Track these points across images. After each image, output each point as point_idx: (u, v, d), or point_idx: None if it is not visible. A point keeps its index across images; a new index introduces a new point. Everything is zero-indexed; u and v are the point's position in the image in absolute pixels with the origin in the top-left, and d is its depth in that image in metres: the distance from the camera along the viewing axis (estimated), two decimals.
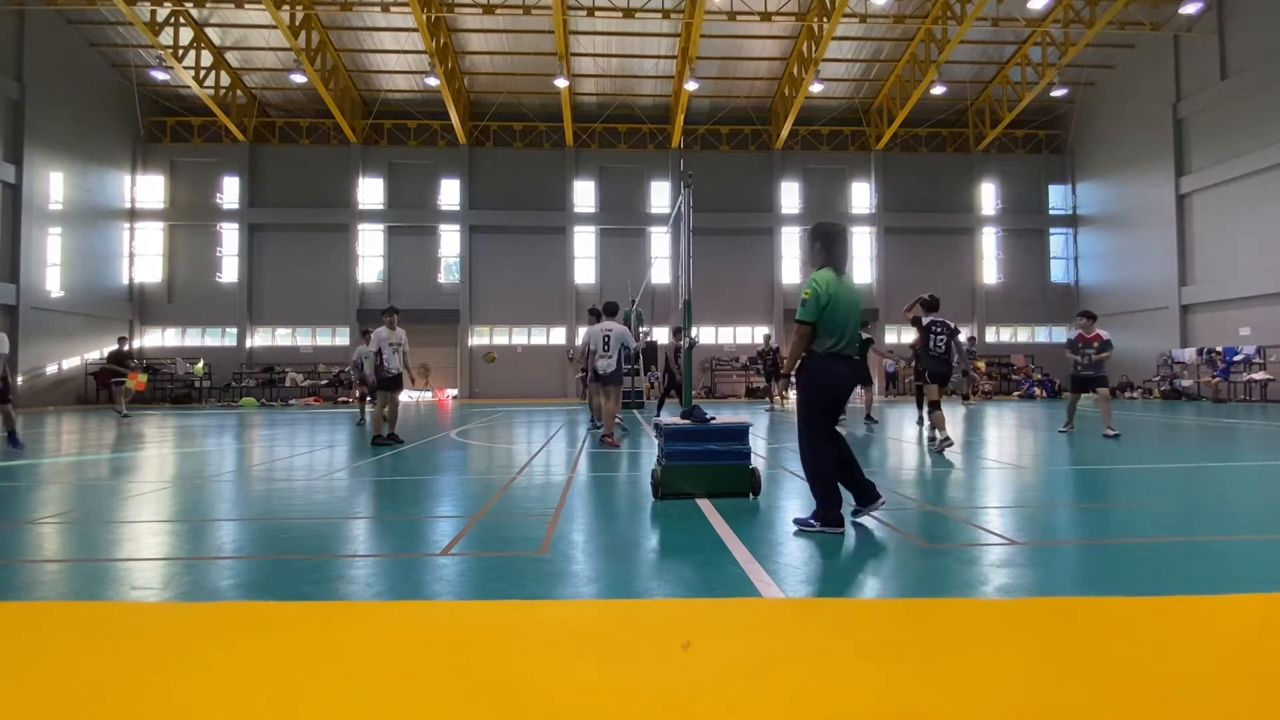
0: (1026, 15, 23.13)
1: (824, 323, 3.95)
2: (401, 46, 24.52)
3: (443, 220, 28.57)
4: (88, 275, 24.78)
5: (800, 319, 3.97)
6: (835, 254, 4.10)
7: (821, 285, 3.95)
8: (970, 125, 29.24)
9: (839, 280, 4.02)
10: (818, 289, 3.94)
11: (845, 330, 3.98)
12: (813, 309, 3.92)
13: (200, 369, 26.24)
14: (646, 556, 3.62)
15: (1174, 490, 5.62)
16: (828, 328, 3.95)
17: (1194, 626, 2.55)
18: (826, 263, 4.09)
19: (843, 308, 3.96)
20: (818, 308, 3.92)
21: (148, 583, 3.22)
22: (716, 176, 28.06)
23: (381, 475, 6.65)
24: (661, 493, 4.97)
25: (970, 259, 29.46)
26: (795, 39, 24.70)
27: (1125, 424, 12.37)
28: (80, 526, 4.46)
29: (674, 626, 2.52)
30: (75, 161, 24.03)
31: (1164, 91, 24.44)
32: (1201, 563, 3.40)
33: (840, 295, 3.97)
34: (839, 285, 4.00)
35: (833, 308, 3.93)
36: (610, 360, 8.97)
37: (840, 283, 4.02)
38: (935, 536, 3.95)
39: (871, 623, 2.63)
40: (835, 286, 3.97)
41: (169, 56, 22.40)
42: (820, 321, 3.94)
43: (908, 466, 7.16)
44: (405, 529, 4.44)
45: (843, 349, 3.99)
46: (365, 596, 2.98)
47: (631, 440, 9.59)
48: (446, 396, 27.08)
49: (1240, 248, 21.74)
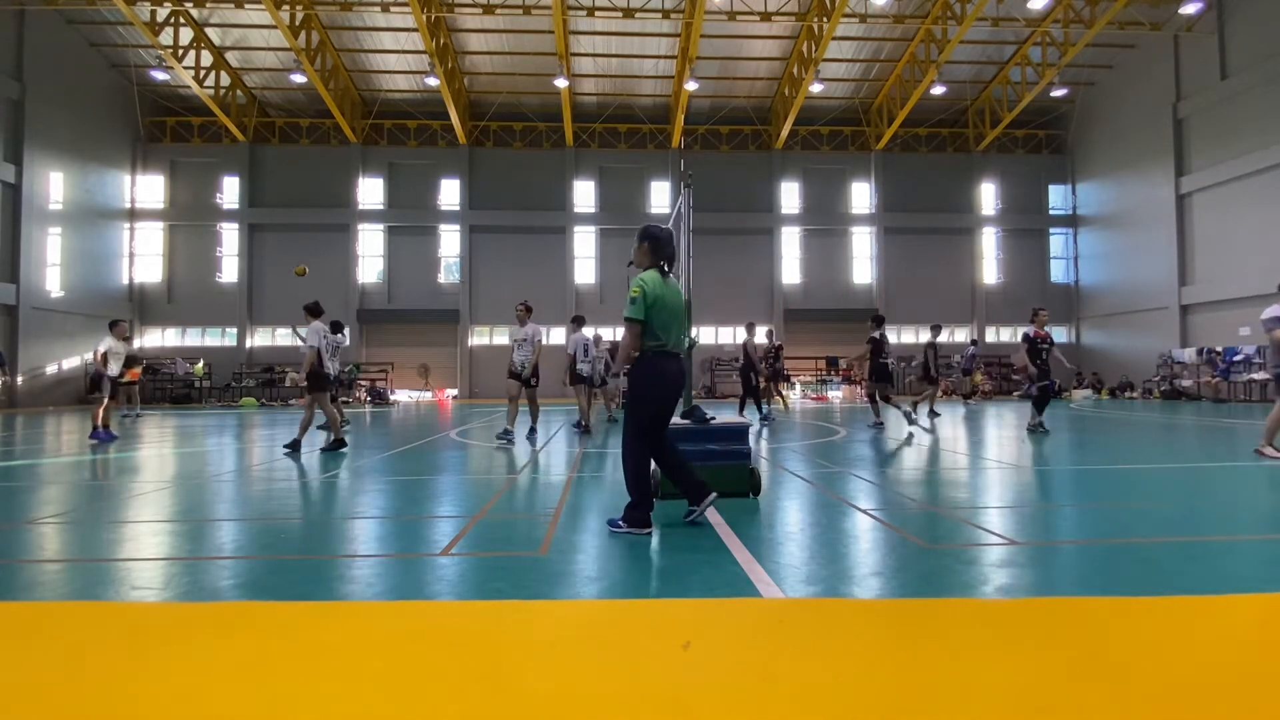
0: (1026, 15, 23.13)
1: (651, 321, 4.06)
2: (401, 46, 24.52)
3: (443, 220, 28.57)
4: (88, 275, 24.78)
5: (629, 317, 4.05)
6: (662, 255, 4.21)
7: (648, 284, 4.08)
8: (970, 125, 29.24)
9: (664, 281, 4.15)
10: (644, 288, 4.06)
11: (671, 329, 4.10)
12: (640, 307, 4.03)
13: (200, 369, 26.23)
14: (646, 556, 3.62)
15: (1173, 490, 5.62)
16: (655, 326, 4.07)
17: (1194, 626, 2.55)
18: (653, 264, 4.20)
19: (668, 307, 4.09)
20: (645, 306, 4.03)
21: (148, 583, 3.21)
22: (716, 176, 28.06)
23: (381, 475, 6.65)
24: (661, 493, 4.97)
25: (970, 259, 29.46)
26: (795, 39, 24.70)
27: (1126, 424, 12.37)
28: (80, 526, 4.46)
29: (674, 626, 2.52)
30: (75, 161, 24.03)
31: (1164, 91, 24.44)
32: (1201, 563, 3.40)
33: (665, 295, 4.10)
34: (664, 286, 4.12)
35: (658, 307, 4.05)
36: (587, 363, 11.19)
37: (665, 283, 4.15)
38: (935, 536, 3.95)
39: (871, 623, 2.63)
40: (661, 287, 4.10)
41: (169, 56, 22.40)
42: (647, 320, 4.05)
43: (908, 467, 7.16)
44: (405, 529, 4.44)
45: (670, 347, 4.10)
46: (365, 596, 2.98)
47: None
48: (446, 396, 27.09)
49: (1240, 248, 21.74)
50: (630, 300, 4.05)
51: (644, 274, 4.14)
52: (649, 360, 4.08)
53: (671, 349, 4.11)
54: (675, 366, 4.14)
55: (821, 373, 28.43)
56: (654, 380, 4.08)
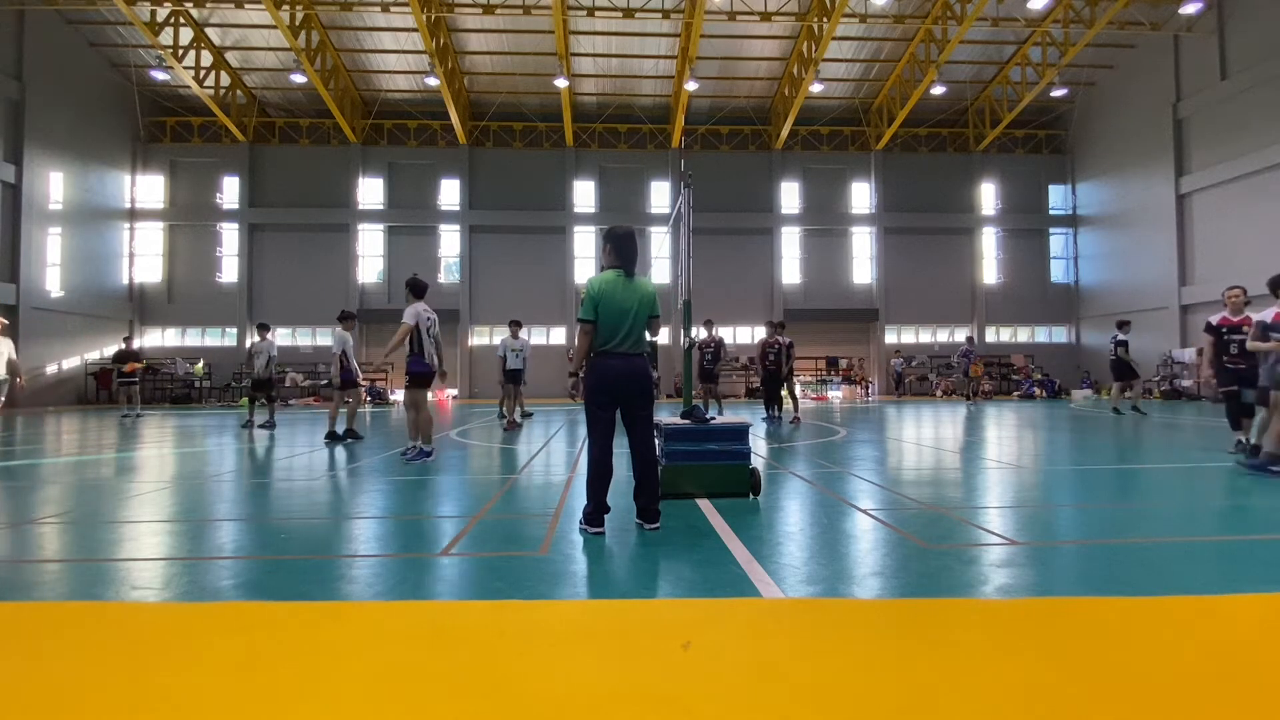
0: (1026, 15, 23.13)
1: (600, 321, 4.09)
2: (401, 46, 24.52)
3: (443, 220, 28.57)
4: (88, 275, 24.77)
5: (579, 318, 4.15)
6: (622, 256, 4.23)
7: (594, 286, 4.12)
8: (970, 125, 29.23)
9: (621, 281, 4.15)
10: (590, 289, 4.12)
11: (619, 329, 4.10)
12: (588, 308, 4.10)
13: (200, 369, 26.23)
14: (646, 556, 3.62)
15: (1174, 490, 5.62)
16: (600, 327, 4.10)
17: (1194, 626, 2.55)
18: (614, 264, 4.22)
19: (618, 307, 4.09)
20: (592, 307, 4.09)
21: (148, 583, 3.22)
22: (716, 176, 28.06)
23: (382, 475, 6.65)
24: (661, 492, 4.97)
25: (970, 259, 29.45)
26: (795, 39, 24.70)
27: (1125, 424, 12.37)
28: (80, 526, 4.46)
29: (674, 626, 2.52)
30: (75, 161, 24.03)
31: (1164, 91, 24.43)
32: (1201, 563, 3.40)
33: (616, 295, 4.10)
34: (616, 286, 4.13)
35: (605, 307, 4.07)
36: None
37: (621, 283, 4.15)
38: (935, 536, 3.95)
39: (871, 623, 2.63)
40: (610, 287, 4.11)
41: (169, 56, 22.39)
42: (598, 320, 4.09)
43: (908, 466, 7.16)
44: (405, 529, 4.44)
45: (615, 347, 4.10)
46: (365, 596, 2.98)
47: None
48: (446, 397, 27.08)
49: (1240, 248, 21.72)
50: (580, 302, 4.15)
51: (596, 275, 4.19)
52: (595, 359, 4.14)
53: (615, 349, 4.10)
54: (620, 367, 4.11)
55: (821, 373, 28.45)
56: (596, 381, 4.11)
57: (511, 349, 12.24)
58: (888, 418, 13.93)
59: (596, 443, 4.14)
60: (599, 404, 4.12)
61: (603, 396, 4.11)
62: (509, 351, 12.26)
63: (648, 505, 4.13)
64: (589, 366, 4.16)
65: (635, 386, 4.14)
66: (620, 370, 4.11)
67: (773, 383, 12.88)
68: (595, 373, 4.12)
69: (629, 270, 4.21)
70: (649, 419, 4.22)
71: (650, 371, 4.38)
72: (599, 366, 4.11)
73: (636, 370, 4.15)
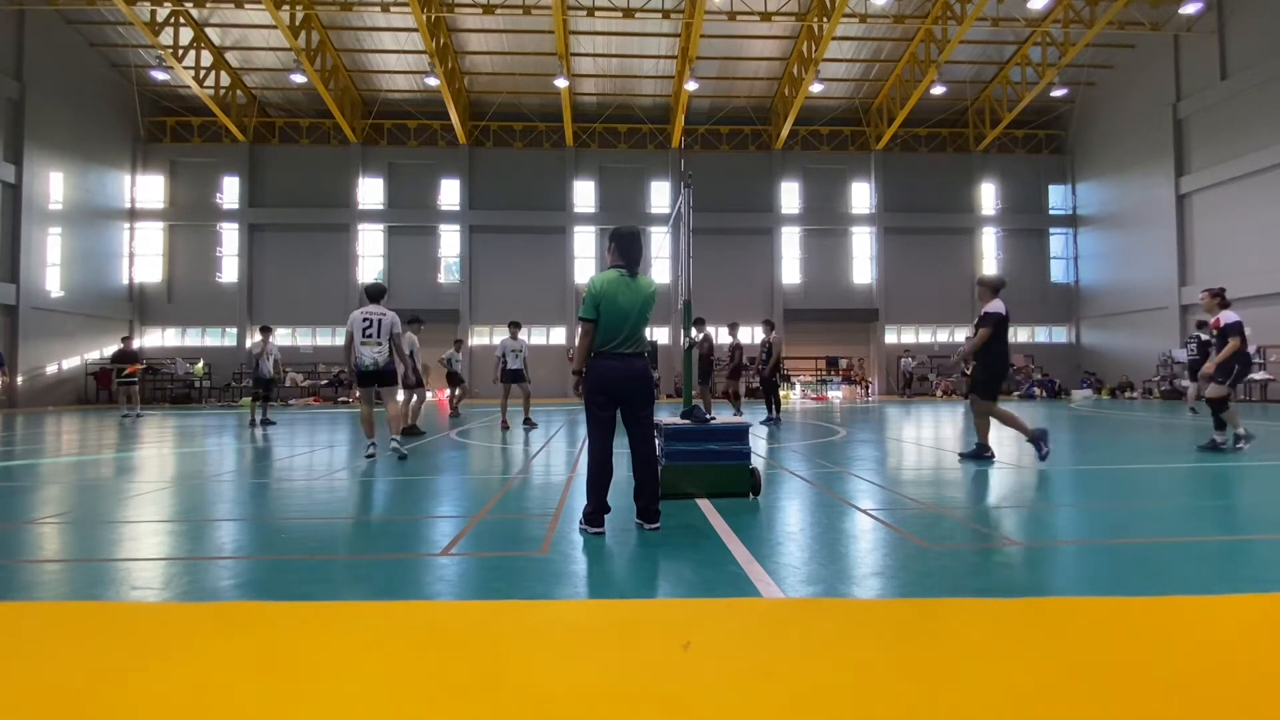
0: (1026, 15, 23.13)
1: (600, 321, 4.09)
2: (401, 46, 24.52)
3: (443, 220, 28.57)
4: (88, 275, 24.77)
5: (580, 317, 4.15)
6: (626, 256, 4.22)
7: (596, 285, 4.10)
8: (970, 125, 29.23)
9: (623, 281, 4.14)
10: (592, 289, 4.11)
11: (620, 329, 4.09)
12: (589, 307, 4.09)
13: (200, 369, 26.22)
14: (646, 556, 3.61)
15: (1173, 490, 5.62)
16: (600, 327, 4.10)
17: (1194, 626, 2.54)
18: (617, 264, 4.22)
19: (619, 308, 4.08)
20: (593, 305, 4.08)
21: (148, 583, 3.21)
22: (716, 176, 28.06)
23: (382, 475, 6.65)
24: (661, 493, 4.97)
25: (970, 259, 29.45)
26: (795, 39, 24.70)
27: (1127, 423, 12.37)
28: (80, 526, 4.46)
29: (674, 626, 2.52)
30: (75, 161, 24.03)
31: (1164, 91, 24.43)
32: (1201, 563, 3.40)
33: (618, 295, 4.09)
34: (618, 286, 4.11)
35: (606, 306, 4.06)
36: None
37: (623, 283, 4.13)
38: (935, 536, 3.95)
39: (871, 623, 2.63)
40: (612, 286, 4.10)
41: (169, 56, 22.39)
42: (599, 320, 4.09)
43: (907, 466, 7.16)
44: (405, 529, 4.44)
45: (615, 347, 4.10)
46: (365, 596, 2.98)
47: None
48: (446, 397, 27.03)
49: (1240, 248, 21.74)
50: (581, 301, 4.14)
51: (598, 274, 4.19)
52: (594, 360, 4.14)
53: (615, 350, 4.10)
54: (620, 368, 4.11)
55: (821, 373, 28.44)
56: (595, 381, 4.11)
57: (511, 350, 12.28)
58: (888, 418, 13.93)
59: (596, 443, 4.14)
60: (599, 404, 4.12)
61: (602, 397, 4.11)
62: (509, 352, 12.30)
63: (648, 505, 4.13)
64: (589, 367, 4.16)
65: (635, 387, 4.13)
66: (620, 371, 4.10)
67: (766, 383, 13.16)
68: (595, 373, 4.11)
69: (632, 270, 4.21)
70: (649, 419, 4.21)
71: (650, 372, 4.38)
72: (599, 367, 4.11)
73: (636, 371, 4.14)
